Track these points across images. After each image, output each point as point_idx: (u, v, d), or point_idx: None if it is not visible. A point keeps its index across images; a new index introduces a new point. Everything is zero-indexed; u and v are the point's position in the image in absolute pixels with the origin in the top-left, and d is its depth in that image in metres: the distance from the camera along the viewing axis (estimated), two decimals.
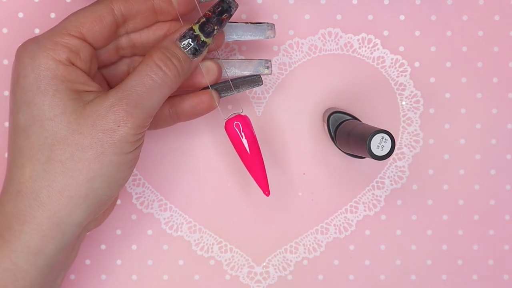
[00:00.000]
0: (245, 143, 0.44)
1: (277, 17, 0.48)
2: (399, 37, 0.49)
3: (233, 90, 0.45)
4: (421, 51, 0.49)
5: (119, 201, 0.49)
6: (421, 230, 0.50)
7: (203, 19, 0.41)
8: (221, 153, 0.49)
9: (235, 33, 0.44)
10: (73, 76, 0.39)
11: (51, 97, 0.38)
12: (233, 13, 0.41)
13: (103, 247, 0.49)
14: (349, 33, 0.49)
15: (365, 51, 0.49)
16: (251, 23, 0.44)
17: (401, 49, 0.49)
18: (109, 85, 0.44)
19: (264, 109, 0.49)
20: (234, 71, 0.45)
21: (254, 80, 0.45)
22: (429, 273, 0.50)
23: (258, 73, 0.45)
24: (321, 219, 0.50)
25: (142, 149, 0.40)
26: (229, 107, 0.49)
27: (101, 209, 0.40)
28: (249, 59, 0.45)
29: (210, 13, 0.41)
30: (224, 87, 0.45)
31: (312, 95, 0.49)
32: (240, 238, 0.50)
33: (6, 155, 0.48)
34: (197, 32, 0.41)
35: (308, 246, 0.50)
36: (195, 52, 0.41)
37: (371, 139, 0.40)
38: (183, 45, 0.40)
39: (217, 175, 0.49)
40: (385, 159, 0.40)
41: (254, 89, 0.49)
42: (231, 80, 0.45)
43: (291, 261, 0.50)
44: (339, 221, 0.50)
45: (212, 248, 0.50)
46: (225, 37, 0.44)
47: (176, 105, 0.43)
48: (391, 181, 0.50)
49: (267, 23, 0.44)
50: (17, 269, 0.38)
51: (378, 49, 0.49)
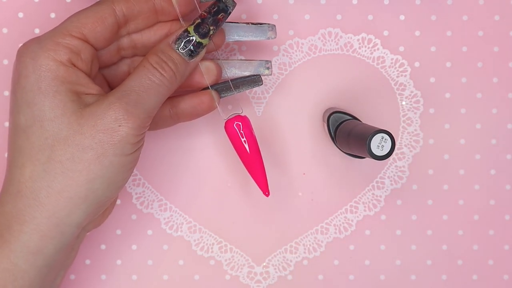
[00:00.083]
0: (245, 143, 0.44)
1: (277, 17, 0.48)
2: (399, 37, 0.49)
3: (233, 90, 0.45)
4: (421, 51, 0.49)
5: (119, 201, 0.49)
6: (421, 230, 0.50)
7: (198, 20, 0.41)
8: (221, 153, 0.49)
9: (236, 34, 0.44)
10: (73, 77, 0.39)
11: (52, 98, 0.38)
12: (230, 12, 0.41)
13: (103, 247, 0.49)
14: (349, 33, 0.49)
15: (365, 51, 0.49)
16: (252, 24, 0.44)
17: (401, 49, 0.49)
18: (110, 85, 0.44)
19: (264, 109, 0.49)
20: (234, 71, 0.45)
21: (254, 80, 0.45)
22: (429, 273, 0.50)
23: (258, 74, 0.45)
24: (321, 219, 0.50)
25: (142, 149, 0.40)
26: (229, 107, 0.49)
27: (100, 210, 0.40)
28: (249, 60, 0.45)
29: (205, 14, 0.41)
30: (224, 87, 0.45)
31: (312, 95, 0.49)
32: (240, 238, 0.50)
33: (6, 155, 0.48)
34: (192, 33, 0.40)
35: (308, 246, 0.50)
36: (191, 54, 0.41)
37: (371, 139, 0.40)
38: (179, 47, 0.40)
39: (217, 175, 0.49)
40: (385, 159, 0.40)
41: (254, 89, 0.48)
42: (231, 80, 0.45)
43: (291, 261, 0.50)
44: (339, 221, 0.50)
45: (212, 248, 0.50)
46: (226, 37, 0.44)
47: (176, 105, 0.43)
48: (391, 181, 0.49)
49: (268, 24, 0.44)
50: (16, 269, 0.38)
51: (378, 49, 0.49)
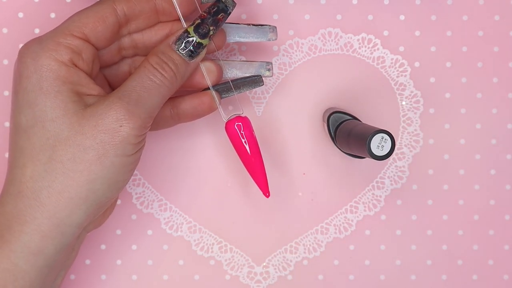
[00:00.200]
0: (246, 144, 0.44)
1: (277, 17, 0.48)
2: (399, 37, 0.49)
3: (233, 91, 0.45)
4: (421, 51, 0.49)
5: (119, 201, 0.49)
6: (421, 230, 0.50)
7: (198, 21, 0.41)
8: (221, 153, 0.49)
9: (237, 35, 0.44)
10: (75, 77, 0.39)
11: (53, 98, 0.38)
12: (230, 12, 0.41)
13: (103, 247, 0.49)
14: (349, 33, 0.49)
15: (365, 51, 0.49)
16: (253, 25, 0.44)
17: (401, 49, 0.49)
18: (110, 85, 0.44)
19: (264, 109, 0.49)
20: (235, 72, 0.45)
21: (255, 80, 0.45)
22: (429, 273, 0.50)
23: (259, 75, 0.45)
24: (321, 219, 0.50)
25: (143, 150, 0.40)
26: (230, 107, 0.49)
27: (101, 210, 0.40)
28: (250, 61, 0.45)
29: (205, 14, 0.41)
30: (225, 88, 0.45)
31: (312, 95, 0.49)
32: (240, 238, 0.50)
33: (6, 155, 0.48)
34: (192, 34, 0.40)
35: (308, 246, 0.50)
36: (191, 54, 0.41)
37: (371, 139, 0.40)
38: (179, 48, 0.40)
39: (217, 176, 0.49)
40: (385, 159, 0.40)
41: (254, 89, 0.48)
42: (232, 80, 0.45)
43: (291, 261, 0.50)
44: (339, 221, 0.50)
45: (212, 248, 0.50)
46: (227, 38, 0.44)
47: (177, 105, 0.43)
48: (391, 181, 0.50)
49: (269, 25, 0.44)
50: (16, 269, 0.38)
51: (378, 49, 0.49)
